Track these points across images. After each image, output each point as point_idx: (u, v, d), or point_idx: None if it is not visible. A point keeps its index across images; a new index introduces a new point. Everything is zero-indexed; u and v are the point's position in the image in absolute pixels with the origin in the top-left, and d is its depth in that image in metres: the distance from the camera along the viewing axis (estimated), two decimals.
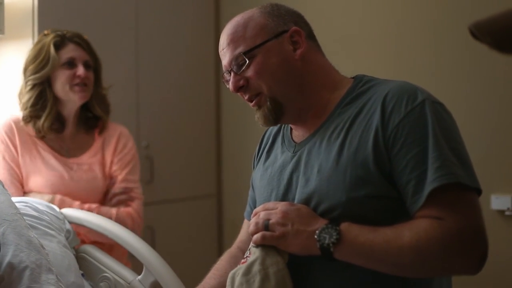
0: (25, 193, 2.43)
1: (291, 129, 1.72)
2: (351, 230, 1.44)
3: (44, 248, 1.98)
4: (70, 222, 2.26)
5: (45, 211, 2.20)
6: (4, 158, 2.43)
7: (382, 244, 1.42)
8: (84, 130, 2.59)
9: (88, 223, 2.20)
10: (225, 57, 1.63)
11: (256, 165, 1.81)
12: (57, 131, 2.50)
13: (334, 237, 1.43)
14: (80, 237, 2.32)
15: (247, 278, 1.49)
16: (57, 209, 2.28)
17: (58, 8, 3.05)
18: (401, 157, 1.45)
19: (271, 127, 1.81)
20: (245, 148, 3.49)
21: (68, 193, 2.42)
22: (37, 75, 2.46)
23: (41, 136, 2.47)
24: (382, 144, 1.47)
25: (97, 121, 2.61)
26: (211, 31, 3.67)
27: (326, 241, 1.44)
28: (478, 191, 1.45)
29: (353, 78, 1.67)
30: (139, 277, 2.06)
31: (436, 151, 1.42)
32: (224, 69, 1.65)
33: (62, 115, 2.52)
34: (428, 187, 1.41)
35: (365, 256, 1.44)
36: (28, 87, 2.47)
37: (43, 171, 2.44)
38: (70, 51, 2.51)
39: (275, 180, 1.66)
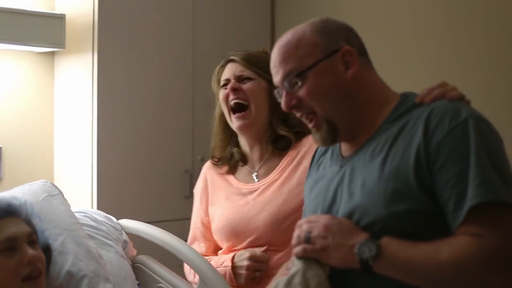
0: None
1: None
2: (391, 245, 1.44)
3: (102, 258, 2.02)
4: (127, 233, 2.29)
5: (103, 221, 2.24)
6: None
7: (421, 260, 1.42)
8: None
9: (145, 234, 2.23)
10: (277, 75, 1.63)
11: (307, 179, 1.82)
12: None
13: (374, 251, 1.44)
14: None
15: None
16: (114, 219, 2.32)
17: (118, 22, 3.11)
18: (443, 174, 1.45)
19: None
20: None
21: None
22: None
23: None
24: (424, 160, 1.47)
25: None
26: (268, 45, 3.70)
27: (366, 255, 1.44)
28: None
29: (401, 93, 1.66)
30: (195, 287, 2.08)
31: (478, 168, 1.42)
32: (276, 85, 1.66)
33: None
34: (468, 204, 1.40)
35: (404, 271, 1.44)
36: None
37: None
38: (226, 71, 2.24)
39: (322, 193, 1.67)
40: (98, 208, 2.82)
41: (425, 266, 1.42)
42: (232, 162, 2.29)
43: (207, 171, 2.34)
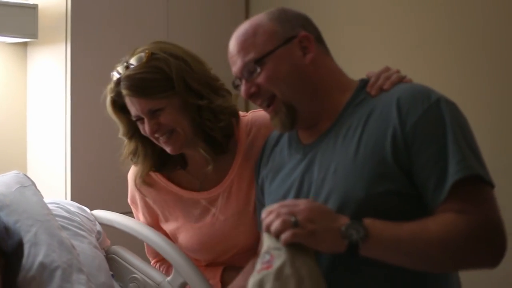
0: None
1: (297, 130, 1.72)
2: (376, 225, 1.44)
3: (75, 249, 2.01)
4: (100, 224, 2.28)
5: (76, 212, 2.23)
6: None
7: (409, 238, 1.43)
8: None
9: (118, 225, 2.22)
10: (235, 64, 1.64)
11: (260, 173, 1.82)
12: None
13: (362, 233, 1.42)
14: None
15: (280, 283, 1.40)
16: (88, 210, 2.31)
17: (92, 12, 3.09)
18: (421, 154, 1.47)
19: (273, 133, 1.83)
20: None
21: None
22: None
23: None
24: (401, 142, 1.49)
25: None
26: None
27: (354, 237, 1.42)
28: (492, 186, 1.48)
29: (359, 79, 1.68)
30: (169, 278, 2.07)
31: (455, 145, 1.45)
32: (234, 75, 1.66)
33: None
34: (451, 180, 1.43)
35: (392, 251, 1.45)
36: None
37: None
38: (129, 104, 1.91)
39: (286, 182, 1.67)
40: (72, 199, 2.80)
41: (413, 244, 1.43)
42: (166, 168, 2.06)
43: (142, 188, 2.09)
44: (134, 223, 2.19)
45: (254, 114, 2.03)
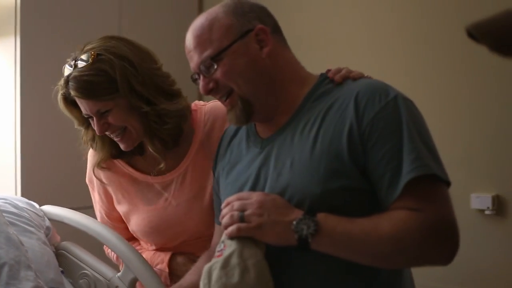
0: None
1: (255, 123, 1.72)
2: (329, 221, 1.45)
3: (23, 245, 1.98)
4: (50, 219, 2.25)
5: (25, 208, 2.20)
6: None
7: (361, 235, 1.44)
8: None
9: (68, 220, 2.19)
10: (192, 60, 1.63)
11: (217, 165, 1.81)
12: None
13: (312, 228, 1.44)
14: None
15: (226, 271, 1.47)
16: (37, 206, 2.27)
17: (42, 4, 3.04)
18: (377, 150, 1.47)
19: (231, 126, 1.82)
20: None
21: None
22: None
23: None
24: (357, 138, 1.49)
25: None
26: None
27: (304, 232, 1.44)
28: (448, 184, 1.48)
29: (320, 74, 1.68)
30: (119, 274, 2.06)
31: (411, 143, 1.45)
32: (192, 71, 1.65)
33: None
34: (405, 178, 1.43)
35: (343, 247, 1.46)
36: None
37: None
38: (80, 104, 1.94)
39: (242, 175, 1.66)
40: (23, 195, 2.77)
41: (365, 241, 1.43)
42: (123, 154, 2.08)
43: (99, 171, 2.11)
44: (85, 219, 2.17)
45: (212, 105, 2.05)
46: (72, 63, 1.91)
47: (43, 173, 3.07)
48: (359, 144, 1.48)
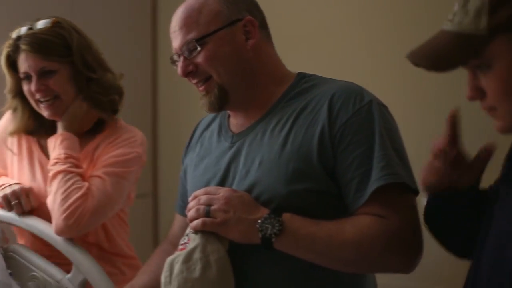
0: None
1: (228, 117, 1.71)
2: (294, 221, 1.46)
3: None
4: None
5: None
6: None
7: (324, 238, 1.44)
8: None
9: (16, 221, 2.15)
10: (176, 40, 1.61)
11: (187, 155, 1.80)
12: None
13: (277, 228, 1.44)
14: None
15: (187, 265, 1.48)
16: None
17: None
18: (347, 155, 1.48)
19: (205, 117, 1.82)
20: (183, 145, 3.46)
21: None
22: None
23: None
24: (328, 141, 1.49)
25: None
26: (148, 22, 3.64)
27: (269, 231, 1.45)
28: (416, 193, 1.49)
29: (297, 73, 1.68)
30: (69, 275, 2.03)
31: (382, 150, 1.46)
32: (173, 51, 1.63)
33: None
34: (373, 185, 1.44)
35: (306, 249, 1.46)
36: None
37: None
38: (22, 61, 2.07)
39: (211, 169, 1.66)
40: None
41: (328, 244, 1.44)
42: (37, 133, 2.21)
43: (4, 134, 2.24)
44: (34, 220, 2.13)
45: (132, 128, 2.23)
46: (27, 26, 2.05)
47: None
48: (330, 147, 1.49)
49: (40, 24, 2.05)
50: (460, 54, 1.11)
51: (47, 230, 2.08)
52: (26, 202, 2.09)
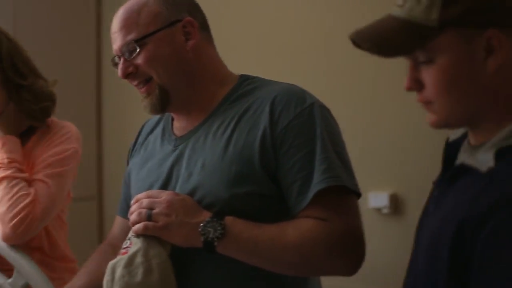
0: None
1: (172, 120, 1.70)
2: (236, 225, 1.45)
3: None
4: None
5: None
6: None
7: (267, 241, 1.43)
8: None
9: None
10: (116, 41, 1.60)
11: (132, 158, 1.78)
12: None
13: (219, 231, 1.43)
14: None
15: (129, 269, 1.46)
16: None
17: None
18: (289, 158, 1.47)
19: (150, 120, 1.80)
20: (128, 147, 3.43)
21: None
22: None
23: None
24: (269, 144, 1.48)
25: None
26: (92, 24, 3.60)
27: (211, 235, 1.44)
28: (358, 195, 1.49)
29: (239, 75, 1.67)
30: (10, 280, 1.97)
31: (323, 153, 1.46)
32: (114, 53, 1.62)
33: None
34: (314, 188, 1.43)
35: (249, 252, 1.45)
36: None
37: None
38: None
39: (154, 173, 1.64)
40: None
41: (270, 248, 1.43)
42: None
43: None
44: None
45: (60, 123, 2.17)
46: None
47: None
48: (272, 151, 1.48)
49: None
50: (406, 41, 1.10)
51: None
52: None
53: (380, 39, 1.12)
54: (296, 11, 3.14)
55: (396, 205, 2.85)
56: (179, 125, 1.67)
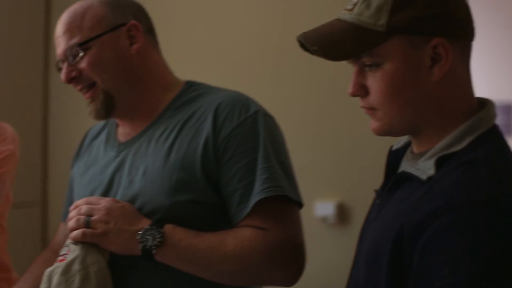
0: None
1: (116, 126, 1.68)
2: (175, 233, 1.44)
3: None
4: None
5: None
6: None
7: (206, 250, 1.43)
8: None
9: None
10: (60, 46, 1.58)
11: (76, 163, 1.76)
12: None
13: (158, 239, 1.42)
14: None
15: (66, 277, 1.44)
16: None
17: None
18: (230, 166, 1.47)
19: (96, 125, 1.78)
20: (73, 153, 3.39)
21: None
22: None
23: None
24: (212, 152, 1.48)
25: None
26: (41, 26, 3.55)
27: (149, 243, 1.42)
28: (300, 205, 1.49)
29: (185, 81, 1.67)
30: None
31: (265, 162, 1.46)
32: (58, 57, 1.59)
33: None
34: (255, 198, 1.44)
35: (187, 261, 1.44)
36: None
37: None
38: None
39: (96, 179, 1.62)
40: None
41: (209, 257, 1.42)
42: None
43: None
44: None
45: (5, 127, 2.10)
46: None
47: None
48: (214, 159, 1.48)
49: None
50: (352, 45, 1.11)
51: None
52: None
53: (327, 42, 1.12)
54: (245, 17, 3.14)
55: (343, 214, 2.87)
56: (123, 131, 1.65)
